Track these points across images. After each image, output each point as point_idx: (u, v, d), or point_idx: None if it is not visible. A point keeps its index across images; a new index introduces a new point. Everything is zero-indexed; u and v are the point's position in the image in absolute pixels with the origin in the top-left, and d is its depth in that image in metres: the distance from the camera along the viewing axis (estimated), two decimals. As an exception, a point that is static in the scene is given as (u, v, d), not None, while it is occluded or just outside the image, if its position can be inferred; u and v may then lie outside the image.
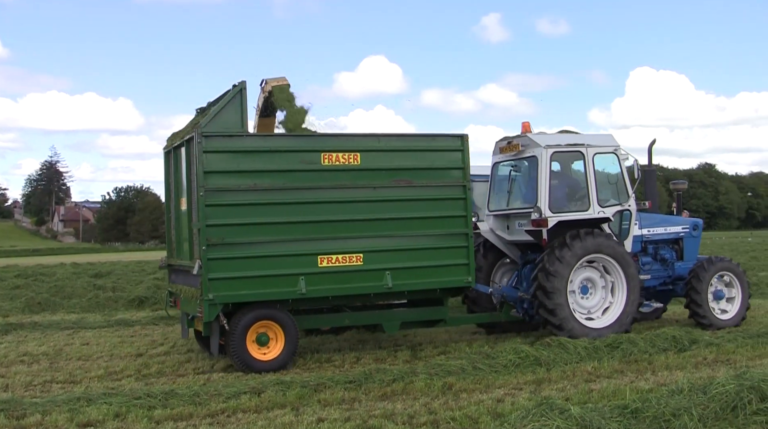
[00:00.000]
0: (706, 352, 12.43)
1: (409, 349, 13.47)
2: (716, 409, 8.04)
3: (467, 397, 9.77)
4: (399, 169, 12.72)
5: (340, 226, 12.33)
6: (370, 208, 12.52)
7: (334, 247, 12.28)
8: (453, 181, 13.08)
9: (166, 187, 13.84)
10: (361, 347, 13.98)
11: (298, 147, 12.29)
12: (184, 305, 13.04)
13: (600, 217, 14.21)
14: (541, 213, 13.83)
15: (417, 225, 12.84)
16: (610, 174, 14.65)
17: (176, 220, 13.37)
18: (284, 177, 12.10)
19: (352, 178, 12.42)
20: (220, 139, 11.81)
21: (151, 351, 14.11)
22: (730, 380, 8.47)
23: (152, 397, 9.70)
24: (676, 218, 16.44)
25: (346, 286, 12.40)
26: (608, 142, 14.68)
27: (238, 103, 12.07)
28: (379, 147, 12.72)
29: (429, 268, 12.91)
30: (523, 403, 9.10)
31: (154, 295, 22.74)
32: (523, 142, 14.50)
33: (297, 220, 12.12)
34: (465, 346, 13.57)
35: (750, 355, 12.25)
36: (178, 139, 12.97)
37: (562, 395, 9.69)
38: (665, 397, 8.31)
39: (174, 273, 13.85)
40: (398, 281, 12.61)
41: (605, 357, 12.03)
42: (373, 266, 12.47)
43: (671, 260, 15.80)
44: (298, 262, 12.08)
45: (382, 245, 12.58)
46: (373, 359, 12.80)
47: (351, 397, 9.86)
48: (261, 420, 8.90)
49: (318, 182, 12.23)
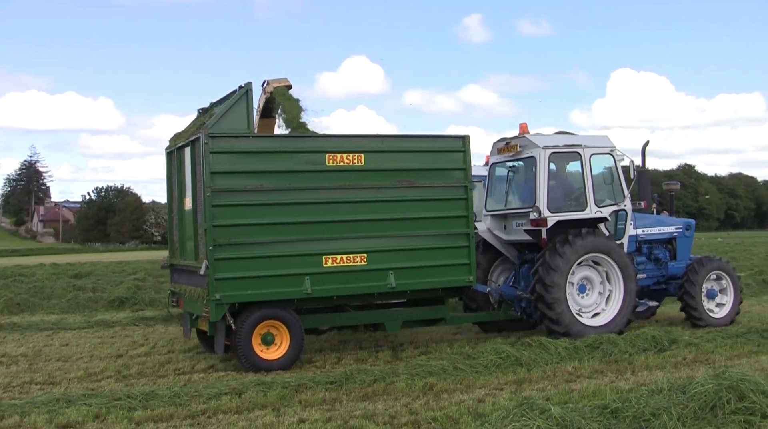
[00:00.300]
0: (686, 352, 12.50)
1: (390, 350, 13.47)
2: (695, 409, 8.08)
3: (448, 398, 9.78)
4: (402, 170, 12.85)
5: (344, 226, 12.45)
6: (374, 209, 12.65)
7: (339, 247, 12.40)
8: (455, 181, 13.22)
9: (169, 187, 13.88)
10: (342, 348, 13.98)
11: (304, 148, 12.38)
12: (188, 305, 13.09)
13: (597, 216, 14.41)
14: (540, 213, 14.04)
15: (419, 225, 12.97)
16: (606, 175, 14.87)
17: (179, 220, 13.43)
18: (290, 178, 12.20)
19: (356, 179, 12.53)
20: (227, 140, 11.88)
21: (131, 352, 14.04)
22: (709, 380, 8.52)
23: (132, 398, 9.65)
24: (670, 219, 16.69)
25: (350, 286, 12.52)
26: (604, 143, 14.90)
27: (244, 104, 12.14)
28: (383, 148, 12.85)
29: (431, 267, 13.05)
30: (504, 403, 9.12)
31: (134, 295, 22.65)
32: (521, 143, 14.72)
33: (302, 220, 12.22)
34: (446, 347, 13.59)
35: (729, 354, 12.33)
36: (182, 139, 13.02)
37: (543, 395, 9.71)
38: (645, 397, 8.35)
39: (177, 273, 13.88)
40: (401, 281, 12.73)
41: (585, 357, 12.07)
42: (376, 266, 12.60)
43: (665, 260, 16.06)
44: (304, 262, 12.19)
45: (385, 245, 12.71)
46: (354, 360, 12.79)
47: (332, 398, 9.85)
48: (242, 421, 8.88)
49: (323, 183, 12.34)
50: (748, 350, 12.62)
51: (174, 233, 13.87)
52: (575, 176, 14.77)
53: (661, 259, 16.03)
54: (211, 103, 13.58)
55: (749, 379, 8.52)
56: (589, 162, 14.46)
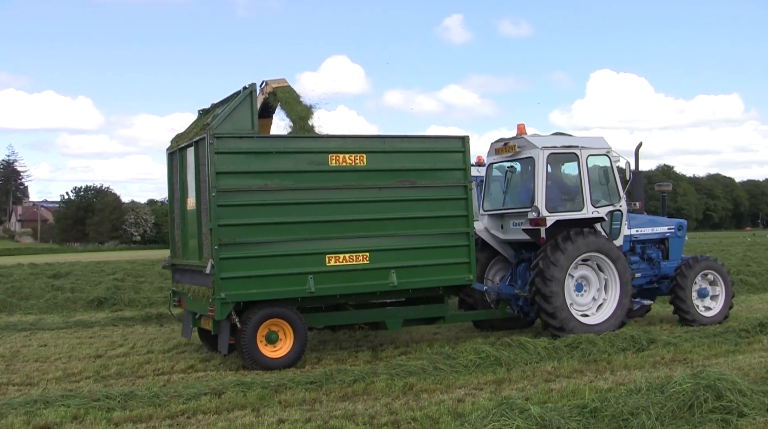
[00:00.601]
0: (664, 351, 12.57)
1: (370, 350, 13.47)
2: (673, 408, 8.14)
3: (428, 398, 9.78)
4: (403, 170, 13.01)
5: (347, 225, 12.59)
6: (376, 208, 12.80)
7: (342, 247, 12.53)
8: (454, 181, 13.38)
9: (170, 187, 13.95)
10: (322, 348, 13.97)
11: (307, 148, 12.47)
12: (190, 304, 13.15)
13: (594, 216, 14.61)
14: (539, 212, 14.24)
15: (420, 224, 13.14)
16: (602, 175, 15.09)
17: (182, 220, 13.52)
18: (293, 178, 12.33)
19: (358, 179, 12.68)
20: (232, 141, 11.97)
21: (110, 352, 13.97)
22: (687, 379, 8.59)
23: (111, 398, 9.60)
24: (662, 219, 16.89)
25: (353, 285, 12.67)
26: (601, 144, 15.11)
27: (248, 105, 12.24)
28: (384, 148, 12.98)
29: (432, 266, 13.21)
30: (484, 403, 9.14)
31: (113, 296, 22.55)
32: (519, 144, 14.90)
33: (306, 220, 12.34)
34: (426, 347, 13.60)
35: (706, 354, 12.41)
36: (185, 140, 13.08)
37: (522, 395, 9.73)
38: (623, 396, 8.40)
39: (178, 273, 13.92)
40: (403, 280, 12.88)
41: (565, 357, 12.12)
42: (378, 265, 12.74)
43: (657, 259, 16.30)
44: (307, 261, 12.31)
45: (387, 244, 12.85)
46: (334, 360, 12.79)
47: (312, 398, 9.84)
48: (221, 421, 8.85)
49: (326, 183, 12.47)
50: (725, 349, 12.71)
51: (176, 233, 13.95)
52: (572, 177, 14.98)
53: (653, 258, 16.26)
54: (212, 104, 13.71)
55: (726, 378, 8.59)
56: (585, 163, 14.66)
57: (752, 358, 11.94)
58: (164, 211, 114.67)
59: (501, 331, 15.39)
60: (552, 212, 14.34)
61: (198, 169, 12.44)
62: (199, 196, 12.49)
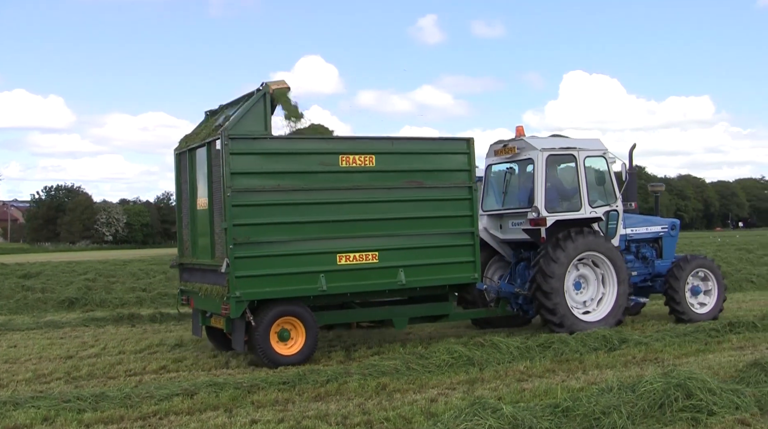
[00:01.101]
0: (635, 351, 12.66)
1: (343, 350, 13.46)
2: (644, 407, 8.21)
3: (401, 398, 9.79)
4: (410, 171, 13.32)
5: (357, 225, 12.86)
6: (385, 208, 13.09)
7: (352, 246, 12.80)
8: (460, 182, 13.71)
9: (178, 187, 14.17)
10: (296, 348, 13.91)
11: (318, 149, 12.72)
12: (200, 303, 13.30)
13: (592, 216, 14.99)
14: (539, 212, 14.57)
15: (427, 224, 13.46)
16: (599, 176, 15.45)
17: (191, 220, 13.65)
18: (305, 178, 12.56)
19: (367, 180, 12.96)
20: (246, 142, 12.20)
21: (81, 353, 13.86)
22: (658, 378, 8.67)
23: (82, 400, 9.53)
24: (656, 219, 17.31)
25: (362, 283, 12.93)
26: (597, 146, 15.48)
27: (262, 106, 12.49)
28: (393, 150, 13.27)
29: (438, 265, 13.54)
30: (456, 403, 9.16)
31: (84, 296, 22.40)
32: (519, 145, 15.25)
33: (317, 219, 12.59)
34: (399, 347, 13.61)
35: (677, 353, 12.51)
36: (196, 140, 13.28)
37: (495, 395, 9.77)
38: (595, 396, 8.46)
39: (187, 272, 14.05)
40: (411, 278, 13.17)
41: (537, 357, 12.18)
42: (387, 264, 13.04)
43: (651, 258, 16.70)
44: (319, 260, 12.56)
45: (395, 244, 13.15)
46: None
47: (285, 398, 9.82)
48: (193, 422, 8.81)
49: (336, 183, 12.75)
50: (695, 349, 12.82)
51: (184, 233, 14.08)
52: (570, 178, 15.31)
53: (648, 257, 16.65)
54: (220, 106, 14.00)
55: (696, 377, 8.68)
56: (583, 164, 15.03)
57: (722, 357, 12.06)
58: (136, 211, 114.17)
59: (488, 330, 15.64)
60: (551, 212, 14.66)
61: (211, 169, 12.61)
62: (211, 196, 12.66)
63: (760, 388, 9.06)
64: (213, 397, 9.75)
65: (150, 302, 22.10)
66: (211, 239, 12.68)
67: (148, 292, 24.08)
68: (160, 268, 34.29)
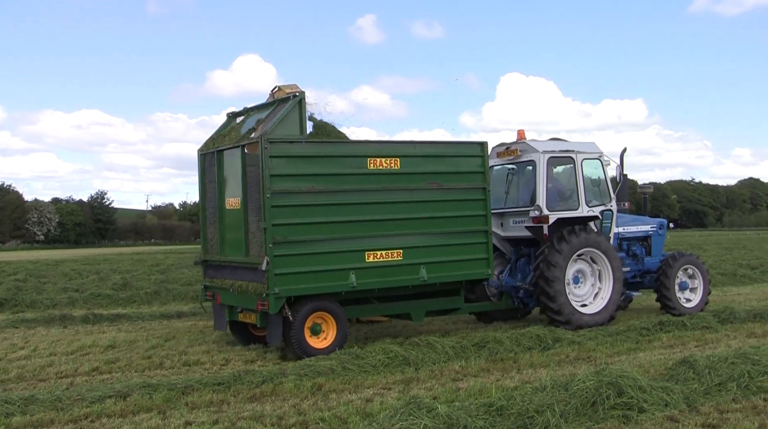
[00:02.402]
0: (569, 349, 12.83)
1: (278, 350, 13.39)
2: (577, 405, 8.32)
3: (336, 398, 9.78)
4: (431, 173, 14.05)
5: (383, 224, 13.54)
6: (408, 209, 13.80)
7: (379, 244, 13.48)
8: (475, 183, 14.53)
9: (202, 187, 14.63)
10: (230, 349, 13.82)
11: (349, 152, 13.42)
12: (230, 299, 13.76)
13: (590, 215, 15.99)
14: (541, 211, 15.52)
15: (446, 223, 14.20)
16: (594, 177, 16.50)
17: (219, 218, 14.12)
18: (337, 180, 13.18)
19: (393, 181, 13.64)
20: (284, 145, 12.76)
21: (10, 355, 13.55)
22: (590, 377, 8.80)
23: (10, 403, 9.30)
24: (646, 218, 18.33)
25: (388, 279, 13.59)
26: (593, 149, 16.54)
27: (298, 111, 13.09)
28: (415, 153, 13.99)
29: (456, 262, 14.28)
30: (392, 403, 9.17)
31: (14, 297, 21.91)
32: (521, 148, 16.24)
33: (348, 219, 13.22)
34: (335, 347, 13.57)
35: (609, 352, 12.71)
36: (225, 142, 13.88)
37: (430, 394, 9.81)
38: (529, 395, 8.54)
39: (212, 268, 14.49)
40: (431, 274, 13.90)
41: (472, 356, 12.27)
42: (410, 261, 13.75)
43: (641, 255, 17.74)
44: (349, 257, 13.21)
45: (417, 242, 13.89)
46: (243, 361, 12.67)
47: (219, 400, 9.73)
48: (126, 424, 8.68)
49: (365, 185, 13.39)
50: (627, 347, 13.05)
51: (210, 231, 14.50)
52: (569, 178, 16.30)
53: (638, 254, 17.67)
54: (245, 108, 14.67)
55: (628, 375, 8.84)
56: (581, 166, 16.03)
57: (652, 356, 12.28)
58: (69, 210, 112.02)
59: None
60: (551, 211, 15.57)
61: (245, 170, 13.13)
62: (246, 196, 13.17)
63: (688, 386, 9.28)
64: (146, 399, 9.61)
65: (82, 303, 21.70)
66: (245, 238, 13.22)
67: (80, 292, 23.66)
68: (93, 268, 33.77)
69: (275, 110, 13.38)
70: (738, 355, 10.20)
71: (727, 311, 15.89)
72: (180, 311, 19.45)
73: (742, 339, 13.74)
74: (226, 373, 11.19)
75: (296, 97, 13.17)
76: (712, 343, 13.47)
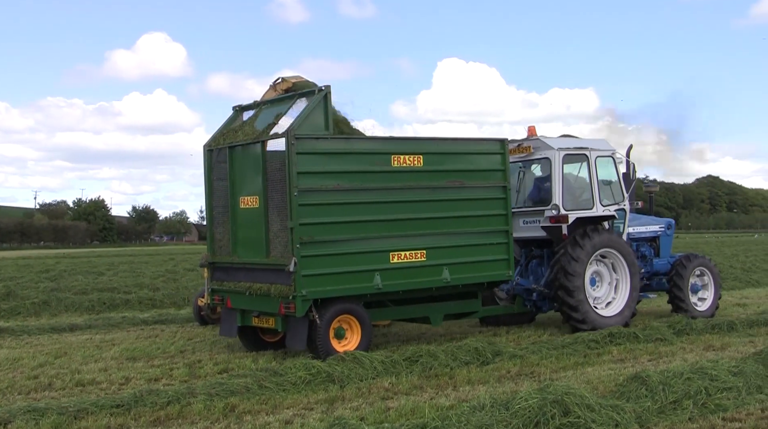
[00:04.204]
0: (510, 364, 12.96)
1: (186, 367, 13.28)
2: (519, 426, 8.40)
3: (252, 420, 9.73)
4: (453, 171, 15.03)
5: (407, 224, 14.46)
6: (431, 207, 14.77)
7: (403, 244, 14.40)
8: (496, 182, 15.57)
9: (208, 184, 15.31)
10: (131, 366, 13.65)
11: (374, 149, 14.32)
12: (244, 302, 14.44)
13: (606, 214, 17.00)
14: (559, 210, 16.47)
15: (468, 223, 15.21)
16: (607, 176, 17.47)
17: (231, 218, 14.76)
18: (362, 178, 14.06)
19: (416, 179, 14.57)
20: (310, 142, 13.55)
21: None
22: (533, 394, 8.89)
23: None
24: (654, 218, 19.54)
25: (412, 281, 14.55)
26: (605, 146, 17.59)
27: (323, 106, 13.88)
28: (438, 150, 15.02)
29: (478, 263, 15.31)
30: (314, 425, 9.18)
31: None
32: (534, 145, 17.18)
33: (373, 218, 14.12)
34: (250, 363, 13.53)
35: (554, 367, 12.87)
36: (237, 137, 14.61)
37: (357, 414, 9.82)
38: (466, 414, 8.60)
39: (221, 271, 15.17)
40: (454, 275, 14.88)
41: (403, 372, 12.31)
42: (433, 262, 14.70)
43: (650, 257, 18.88)
44: (374, 258, 14.10)
45: (440, 242, 14.83)
46: (145, 379, 12.51)
47: (118, 424, 9.61)
48: (9, 453, 8.52)
49: (389, 183, 14.28)
50: (574, 362, 13.23)
51: (218, 231, 15.21)
52: (582, 177, 17.24)
53: (647, 256, 18.76)
54: (255, 102, 15.40)
55: (574, 392, 8.95)
56: (595, 163, 16.99)
57: (601, 371, 12.47)
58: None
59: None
60: (568, 210, 16.53)
61: (265, 167, 13.78)
62: (265, 194, 13.85)
63: (640, 404, 9.43)
64: (32, 425, 9.43)
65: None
66: (266, 238, 13.86)
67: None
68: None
69: (296, 104, 14.22)
70: (695, 370, 10.41)
71: (683, 322, 16.21)
72: (73, 324, 19.17)
73: (699, 352, 14.04)
74: (126, 393, 11.03)
75: (321, 91, 13.86)
76: (666, 356, 13.73)
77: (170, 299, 24.81)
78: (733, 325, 16.35)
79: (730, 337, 15.40)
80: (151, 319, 20.26)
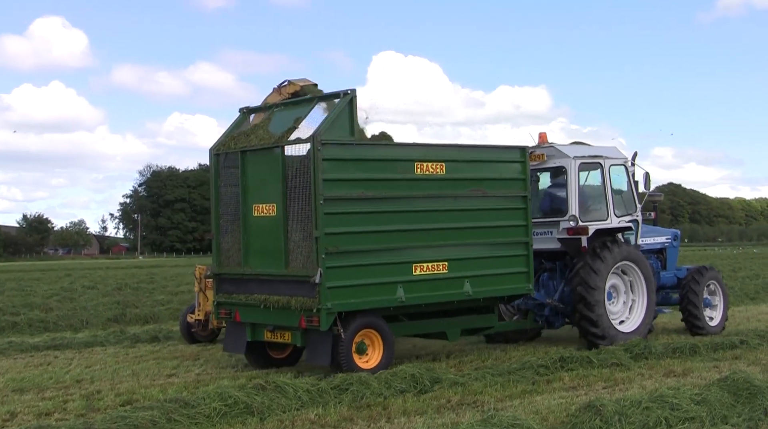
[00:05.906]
0: (450, 393, 13.00)
1: (83, 399, 13.10)
2: (460, 461, 8.43)
3: (158, 458, 9.64)
4: (475, 180, 15.84)
5: (430, 234, 15.21)
6: (453, 217, 15.51)
7: (426, 256, 15.13)
8: (516, 191, 16.39)
9: (216, 190, 15.87)
10: (18, 399, 13.42)
11: (398, 156, 15.16)
12: (257, 316, 15.00)
13: (623, 226, 17.93)
14: (577, 221, 17.30)
15: (489, 234, 16.04)
16: (620, 185, 18.43)
17: (243, 227, 15.26)
18: (386, 185, 14.79)
19: (438, 188, 15.33)
20: (336, 148, 14.25)
21: None
22: (476, 426, 8.95)
23: None
24: (660, 229, 20.53)
25: (435, 294, 15.32)
26: (617, 154, 18.54)
27: (349, 111, 14.56)
28: (460, 157, 15.81)
29: (498, 275, 16.14)
30: (230, 463, 9.11)
31: None
32: (548, 153, 17.98)
33: (398, 228, 14.85)
34: (157, 392, 13.40)
35: (499, 395, 12.92)
36: (252, 140, 15.14)
37: (278, 451, 9.78)
38: (401, 449, 8.61)
39: (229, 283, 15.66)
40: (476, 288, 15.64)
41: (332, 402, 12.27)
42: (455, 274, 15.44)
43: (657, 269, 19.58)
44: (397, 270, 14.80)
45: (462, 253, 15.60)
46: (34, 414, 12.29)
47: (3, 464, 9.45)
48: None
49: (413, 191, 15.05)
50: (521, 390, 13.30)
51: (225, 241, 15.71)
52: (596, 186, 18.06)
53: (654, 268, 19.16)
54: (266, 104, 15.85)
55: (521, 423, 9.03)
56: (609, 172, 17.89)
57: (551, 399, 12.56)
58: None
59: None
60: (584, 221, 17.36)
61: (285, 173, 14.40)
62: (285, 202, 14.43)
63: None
64: None
65: None
66: (285, 248, 14.44)
67: None
68: None
69: (315, 108, 14.93)
70: (654, 399, 10.54)
71: (640, 345, 16.37)
72: (-48, 349, 18.82)
73: (658, 379, 14.20)
74: (12, 429, 10.87)
75: (347, 94, 14.51)
76: (623, 383, 13.87)
77: (66, 321, 24.43)
78: (696, 349, 16.50)
79: (692, 362, 15.56)
80: (42, 344, 19.92)
